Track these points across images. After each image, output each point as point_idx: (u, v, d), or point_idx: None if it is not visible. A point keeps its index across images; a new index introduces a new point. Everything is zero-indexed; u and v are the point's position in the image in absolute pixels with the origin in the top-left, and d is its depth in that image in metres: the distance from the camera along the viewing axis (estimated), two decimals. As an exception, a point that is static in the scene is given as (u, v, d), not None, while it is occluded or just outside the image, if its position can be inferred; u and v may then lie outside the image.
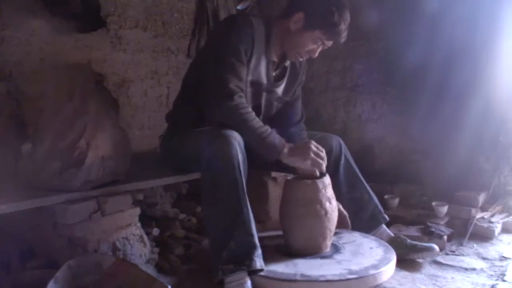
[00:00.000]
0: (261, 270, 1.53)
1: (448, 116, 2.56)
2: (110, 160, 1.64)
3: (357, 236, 1.95)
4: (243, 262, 1.49)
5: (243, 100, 1.66)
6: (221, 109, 1.63)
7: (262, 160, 1.70)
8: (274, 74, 1.89)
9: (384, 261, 1.69)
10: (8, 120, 2.03)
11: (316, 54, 1.84)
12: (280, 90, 1.95)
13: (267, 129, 1.66)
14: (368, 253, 1.77)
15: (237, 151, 1.56)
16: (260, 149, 1.66)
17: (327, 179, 1.74)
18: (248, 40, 1.72)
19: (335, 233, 1.82)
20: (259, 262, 1.51)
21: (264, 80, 1.84)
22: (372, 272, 1.59)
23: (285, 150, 1.66)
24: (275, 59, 1.84)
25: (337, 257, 1.73)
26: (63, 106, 1.66)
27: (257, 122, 1.65)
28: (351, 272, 1.58)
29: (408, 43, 2.57)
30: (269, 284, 1.56)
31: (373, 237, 1.96)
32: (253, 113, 1.67)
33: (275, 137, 1.67)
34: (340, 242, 1.88)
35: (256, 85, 1.79)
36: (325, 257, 1.73)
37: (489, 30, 2.42)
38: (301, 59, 1.90)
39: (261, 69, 1.81)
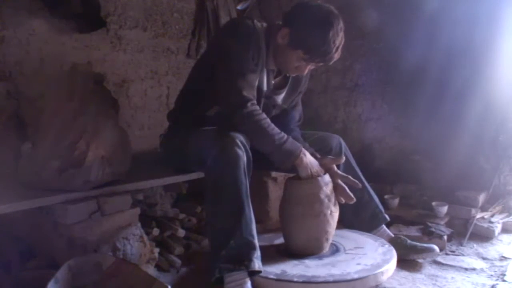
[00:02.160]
0: (259, 272, 1.53)
1: (448, 116, 2.56)
2: (110, 160, 1.64)
3: (354, 235, 1.97)
4: (242, 262, 1.50)
5: (257, 107, 1.66)
6: (235, 117, 1.63)
7: (266, 161, 1.70)
8: (273, 82, 1.88)
9: (385, 260, 1.69)
10: (8, 120, 2.03)
11: (305, 72, 1.81)
12: (279, 98, 1.94)
13: (283, 135, 1.66)
14: (368, 251, 1.78)
15: (242, 151, 1.56)
16: (275, 156, 1.66)
17: (326, 178, 1.73)
18: (254, 46, 1.71)
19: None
20: (257, 264, 1.52)
21: (264, 87, 1.83)
22: (377, 270, 1.60)
23: (300, 157, 1.66)
24: (273, 67, 1.83)
25: (338, 256, 1.74)
26: (63, 106, 1.66)
27: (272, 128, 1.65)
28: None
29: (408, 43, 2.57)
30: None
31: (370, 235, 1.97)
32: (268, 120, 1.66)
33: (291, 143, 1.66)
34: (337, 240, 1.88)
35: (257, 91, 1.78)
36: (326, 256, 1.74)
37: (489, 30, 2.42)
38: (293, 75, 1.87)
39: (263, 75, 1.81)
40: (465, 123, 2.48)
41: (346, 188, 1.77)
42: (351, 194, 1.76)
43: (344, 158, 1.85)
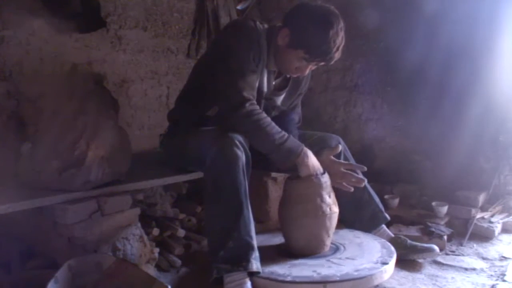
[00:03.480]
0: (258, 272, 1.53)
1: (448, 116, 2.56)
2: (110, 160, 1.64)
3: (357, 235, 1.96)
4: (240, 263, 1.50)
5: (256, 107, 1.65)
6: (234, 117, 1.62)
7: (265, 162, 1.70)
8: (274, 83, 1.88)
9: (385, 260, 1.68)
10: (8, 120, 2.03)
11: (306, 72, 1.80)
12: (279, 99, 1.94)
13: (284, 134, 1.65)
14: (369, 252, 1.77)
15: (241, 151, 1.56)
16: (276, 156, 1.65)
17: (325, 177, 1.73)
18: (255, 47, 1.71)
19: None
20: (255, 265, 1.52)
21: (265, 88, 1.83)
22: (375, 270, 1.59)
23: (302, 155, 1.66)
24: (274, 68, 1.83)
25: (339, 256, 1.73)
26: (63, 106, 1.66)
27: (272, 127, 1.64)
28: (355, 271, 1.59)
29: (408, 43, 2.57)
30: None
31: (372, 235, 1.96)
32: (268, 119, 1.65)
33: (292, 142, 1.66)
34: (339, 241, 1.88)
35: (257, 92, 1.77)
36: (326, 256, 1.74)
37: (489, 30, 2.42)
38: (294, 76, 1.87)
39: (263, 77, 1.81)
40: (465, 123, 2.48)
41: (353, 173, 1.77)
42: (360, 177, 1.77)
43: (340, 147, 1.84)
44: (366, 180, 1.78)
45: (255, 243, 1.54)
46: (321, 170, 1.73)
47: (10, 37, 2.08)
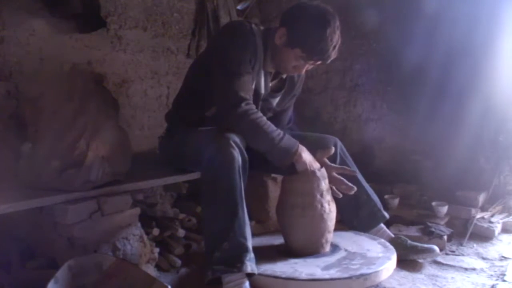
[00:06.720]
0: (253, 274, 1.53)
1: (448, 116, 2.56)
2: (110, 160, 1.64)
3: (356, 234, 1.96)
4: (234, 264, 1.50)
5: (253, 106, 1.65)
6: (231, 116, 1.63)
7: (264, 163, 1.70)
8: (270, 84, 1.88)
9: (385, 259, 1.68)
10: (8, 120, 2.03)
11: (303, 71, 1.81)
12: (275, 101, 1.95)
13: (280, 132, 1.66)
14: (368, 251, 1.77)
15: (237, 152, 1.56)
16: (274, 155, 1.66)
17: (323, 172, 1.73)
18: (251, 49, 1.71)
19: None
20: (250, 266, 1.51)
21: (262, 90, 1.84)
22: (375, 270, 1.59)
23: (299, 152, 1.66)
24: (271, 70, 1.84)
25: (338, 256, 1.73)
26: (63, 106, 1.66)
27: (268, 126, 1.64)
28: (354, 270, 1.59)
29: (408, 43, 2.57)
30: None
31: (371, 235, 1.96)
32: (264, 118, 1.66)
33: (289, 140, 1.66)
34: (338, 240, 1.87)
35: (255, 94, 1.78)
36: (325, 256, 1.73)
37: (489, 30, 2.42)
38: (292, 75, 1.87)
39: (260, 78, 1.81)
40: (465, 123, 2.48)
41: (344, 179, 1.77)
42: (350, 184, 1.76)
43: (333, 149, 1.83)
44: (355, 188, 1.77)
45: (249, 244, 1.54)
46: (318, 165, 1.74)
47: (10, 37, 2.08)
